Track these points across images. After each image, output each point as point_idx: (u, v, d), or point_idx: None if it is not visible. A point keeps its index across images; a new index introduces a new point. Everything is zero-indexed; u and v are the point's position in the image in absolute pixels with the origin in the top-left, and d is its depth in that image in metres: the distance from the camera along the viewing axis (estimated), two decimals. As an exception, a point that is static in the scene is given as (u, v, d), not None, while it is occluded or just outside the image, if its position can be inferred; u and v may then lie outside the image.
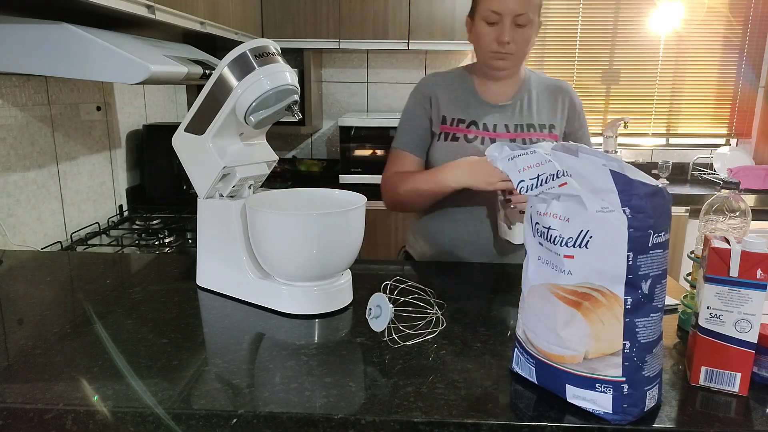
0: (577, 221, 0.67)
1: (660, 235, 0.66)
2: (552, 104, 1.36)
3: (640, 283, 0.66)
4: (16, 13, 1.30)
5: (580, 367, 0.69)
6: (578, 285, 0.68)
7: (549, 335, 0.72)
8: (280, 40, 2.70)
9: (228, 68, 0.98)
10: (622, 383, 0.68)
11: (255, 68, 0.98)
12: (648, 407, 0.69)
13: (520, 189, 0.73)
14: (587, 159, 0.69)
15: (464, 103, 1.36)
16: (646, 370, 0.68)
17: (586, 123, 1.42)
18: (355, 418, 0.69)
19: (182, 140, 1.08)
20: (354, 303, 1.04)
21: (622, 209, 0.65)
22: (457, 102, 1.36)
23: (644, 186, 0.65)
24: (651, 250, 0.66)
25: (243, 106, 0.99)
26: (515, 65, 1.31)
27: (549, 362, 0.73)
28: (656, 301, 0.68)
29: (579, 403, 0.70)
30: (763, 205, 2.65)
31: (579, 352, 0.69)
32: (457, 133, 1.34)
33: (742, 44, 3.08)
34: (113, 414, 0.70)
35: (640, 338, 0.67)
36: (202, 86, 1.03)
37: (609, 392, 0.68)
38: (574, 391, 0.71)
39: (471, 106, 1.35)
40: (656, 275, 0.67)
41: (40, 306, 1.02)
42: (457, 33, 2.70)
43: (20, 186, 1.58)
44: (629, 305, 0.66)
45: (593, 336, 0.68)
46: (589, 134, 1.44)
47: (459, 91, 1.37)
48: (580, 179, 0.68)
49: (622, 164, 0.68)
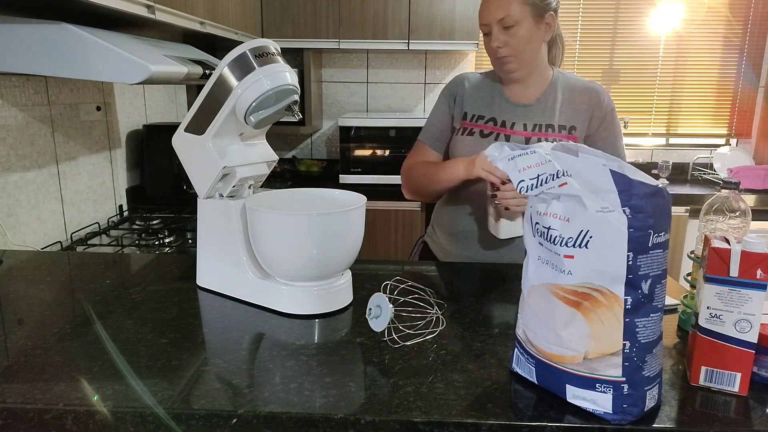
0: (577, 221, 0.67)
1: (660, 234, 0.66)
2: (576, 105, 1.36)
3: (640, 283, 0.66)
4: (16, 13, 1.31)
5: (581, 367, 0.69)
6: (578, 285, 0.68)
7: (549, 335, 0.72)
8: (280, 40, 2.70)
9: (228, 68, 0.98)
10: (622, 383, 0.68)
11: (255, 68, 0.98)
12: (648, 407, 0.69)
13: (520, 189, 0.73)
14: (587, 159, 0.69)
15: (488, 101, 1.41)
16: (646, 370, 0.68)
17: (619, 131, 1.38)
18: (355, 418, 0.69)
19: (182, 140, 1.08)
20: (354, 303, 1.04)
21: (622, 209, 0.65)
22: (482, 100, 1.41)
23: (644, 186, 0.65)
24: (651, 250, 0.66)
25: (243, 106, 0.99)
26: (521, 65, 1.33)
27: (549, 362, 0.73)
28: (656, 301, 0.68)
29: (579, 403, 0.70)
30: (763, 205, 2.66)
31: (579, 352, 0.69)
32: (474, 128, 1.39)
33: (742, 44, 3.08)
34: (113, 414, 0.70)
35: (640, 338, 0.67)
36: (202, 86, 1.03)
37: (609, 392, 0.68)
38: (574, 391, 0.71)
39: (495, 104, 1.40)
40: (656, 275, 0.67)
41: (40, 306, 1.02)
42: (456, 33, 2.70)
43: (20, 186, 1.58)
44: (629, 305, 0.66)
45: (593, 336, 0.68)
46: (622, 145, 1.38)
47: (486, 90, 1.42)
48: (580, 179, 0.68)
49: (622, 164, 0.68)
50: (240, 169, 1.08)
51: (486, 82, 1.44)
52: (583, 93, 1.37)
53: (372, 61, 3.10)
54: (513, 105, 1.38)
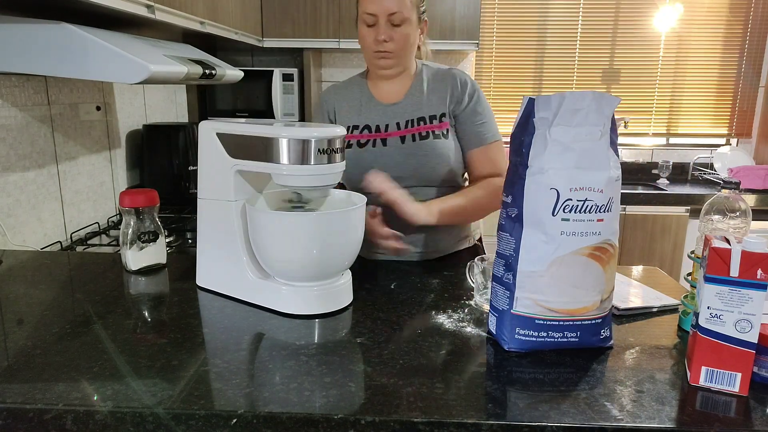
0: (607, 191, 0.82)
1: None
2: (441, 92, 1.35)
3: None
4: (16, 13, 1.31)
5: (596, 311, 0.85)
6: (601, 243, 0.83)
7: (576, 292, 0.84)
8: (280, 39, 2.71)
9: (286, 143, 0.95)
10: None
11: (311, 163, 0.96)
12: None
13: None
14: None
15: (358, 108, 1.39)
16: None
17: (488, 111, 1.36)
18: (355, 418, 0.69)
19: (209, 133, 1.04)
20: (354, 303, 1.04)
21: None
22: (353, 108, 1.39)
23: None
24: None
25: (278, 179, 0.99)
26: (398, 63, 1.32)
27: (568, 319, 0.84)
28: None
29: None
30: (763, 205, 2.66)
31: (596, 299, 0.84)
32: (351, 139, 1.36)
33: (742, 44, 3.08)
34: (113, 414, 0.70)
35: None
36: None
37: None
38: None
39: (364, 109, 1.38)
40: None
41: (40, 306, 1.02)
42: (456, 33, 2.70)
43: (20, 186, 1.58)
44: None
45: (607, 281, 0.85)
46: (493, 126, 1.36)
47: (354, 97, 1.40)
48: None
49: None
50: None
51: (353, 89, 1.41)
52: (444, 78, 1.35)
53: (372, 61, 3.09)
54: (383, 106, 1.36)
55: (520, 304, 0.85)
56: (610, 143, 0.84)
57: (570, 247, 0.82)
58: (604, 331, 0.87)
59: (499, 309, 0.88)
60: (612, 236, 0.84)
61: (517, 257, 0.84)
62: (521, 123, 0.85)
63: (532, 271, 0.84)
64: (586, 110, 0.81)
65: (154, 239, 1.22)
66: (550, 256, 0.83)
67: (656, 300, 1.05)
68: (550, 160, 0.82)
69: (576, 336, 0.85)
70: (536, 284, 0.84)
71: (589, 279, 0.84)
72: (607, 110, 0.82)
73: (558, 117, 0.81)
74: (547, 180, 0.81)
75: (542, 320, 0.84)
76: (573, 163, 0.81)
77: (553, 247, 0.82)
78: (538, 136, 0.83)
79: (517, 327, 0.85)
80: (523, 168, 0.84)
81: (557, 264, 0.83)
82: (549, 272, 0.83)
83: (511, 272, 0.85)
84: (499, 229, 0.89)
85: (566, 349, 0.86)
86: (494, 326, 0.89)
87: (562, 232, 0.82)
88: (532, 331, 0.85)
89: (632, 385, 0.77)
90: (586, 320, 0.85)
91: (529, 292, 0.84)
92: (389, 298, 1.07)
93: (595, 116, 0.81)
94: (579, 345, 0.86)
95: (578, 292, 0.84)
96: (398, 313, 1.00)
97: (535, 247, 0.83)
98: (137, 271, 1.21)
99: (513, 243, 0.85)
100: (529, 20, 3.11)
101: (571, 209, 0.82)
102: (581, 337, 0.85)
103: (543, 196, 0.82)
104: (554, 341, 0.85)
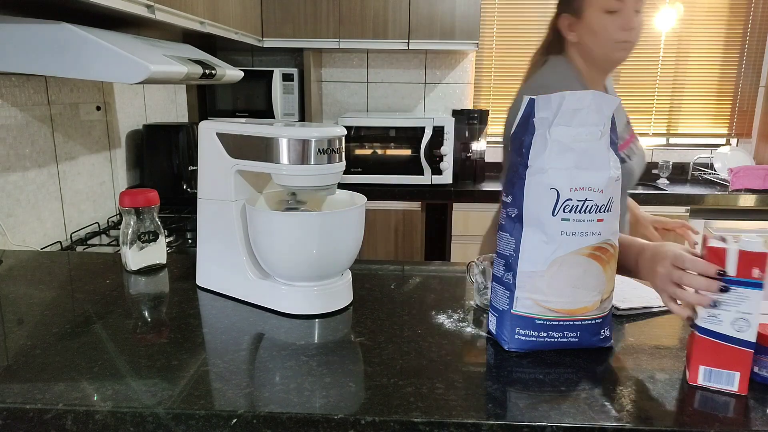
0: (607, 191, 0.83)
1: None
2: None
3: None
4: (16, 13, 1.31)
5: (596, 311, 0.85)
6: (600, 243, 0.83)
7: (576, 293, 0.84)
8: (280, 39, 2.71)
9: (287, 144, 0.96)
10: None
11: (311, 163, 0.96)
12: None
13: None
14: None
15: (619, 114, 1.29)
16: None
17: None
18: (355, 418, 0.69)
19: (209, 132, 1.05)
20: (354, 303, 1.04)
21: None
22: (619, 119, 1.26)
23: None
24: None
25: (278, 178, 0.99)
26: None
27: (568, 319, 0.84)
28: None
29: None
30: (763, 205, 2.65)
31: (597, 298, 0.84)
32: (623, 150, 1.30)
33: (742, 44, 3.08)
34: (113, 414, 0.70)
35: None
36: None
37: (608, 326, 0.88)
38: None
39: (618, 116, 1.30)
40: None
41: (40, 306, 1.02)
42: (457, 33, 2.70)
43: (20, 186, 1.58)
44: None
45: (607, 281, 0.85)
46: None
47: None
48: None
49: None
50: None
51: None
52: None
53: (372, 61, 3.10)
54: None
55: (520, 304, 0.85)
56: (610, 143, 0.84)
57: (570, 247, 0.83)
58: (604, 331, 0.87)
59: (499, 309, 0.88)
60: (612, 236, 0.84)
61: (517, 257, 0.85)
62: (521, 123, 0.85)
63: (532, 271, 0.84)
64: (586, 110, 0.81)
65: (154, 239, 1.22)
66: (550, 256, 0.83)
67: (656, 300, 1.04)
68: (550, 160, 0.82)
69: (576, 336, 0.85)
70: (536, 284, 0.84)
71: (589, 279, 0.84)
72: (607, 110, 0.82)
73: (558, 117, 0.81)
74: (548, 180, 0.82)
75: (542, 320, 0.84)
76: (573, 163, 0.81)
77: (553, 247, 0.83)
78: (538, 136, 0.83)
79: (517, 327, 0.85)
80: (523, 168, 0.84)
81: (557, 264, 0.83)
82: (549, 272, 0.83)
83: (511, 272, 0.85)
84: (499, 229, 0.90)
85: (566, 349, 0.86)
86: (494, 326, 0.89)
87: (562, 232, 0.82)
88: (532, 331, 0.85)
89: (632, 385, 0.77)
90: (586, 320, 0.85)
91: (529, 292, 0.84)
92: (389, 298, 1.07)
93: (595, 116, 0.81)
94: (579, 345, 0.86)
95: (578, 292, 0.84)
96: (398, 313, 1.00)
97: (535, 247, 0.84)
98: (137, 271, 1.21)
99: (513, 243, 0.85)
100: (529, 20, 3.11)
101: (571, 209, 0.82)
102: (581, 337, 0.86)
103: (543, 196, 0.82)
104: (554, 341, 0.85)
